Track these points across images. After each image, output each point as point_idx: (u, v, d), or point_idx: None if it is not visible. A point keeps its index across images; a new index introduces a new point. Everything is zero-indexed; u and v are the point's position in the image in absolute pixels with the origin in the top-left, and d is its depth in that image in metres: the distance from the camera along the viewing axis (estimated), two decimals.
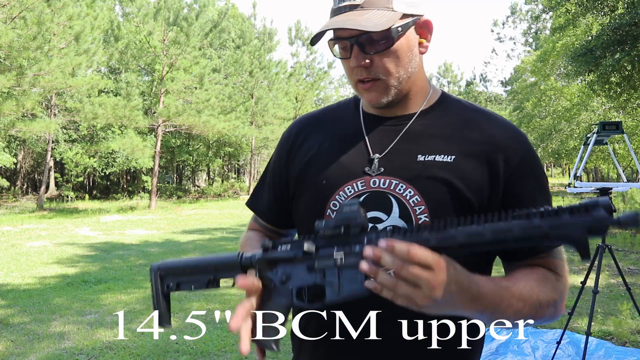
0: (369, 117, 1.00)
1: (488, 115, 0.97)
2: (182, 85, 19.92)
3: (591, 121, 18.28)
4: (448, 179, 0.89)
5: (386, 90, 0.91)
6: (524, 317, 0.82)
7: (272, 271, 0.82)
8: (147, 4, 19.06)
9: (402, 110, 0.97)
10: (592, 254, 3.28)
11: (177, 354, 3.71)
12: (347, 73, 0.94)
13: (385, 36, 0.87)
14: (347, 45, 0.89)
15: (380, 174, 0.92)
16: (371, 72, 0.89)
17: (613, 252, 3.28)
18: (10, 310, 5.04)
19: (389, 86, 0.91)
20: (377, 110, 0.99)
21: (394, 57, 0.89)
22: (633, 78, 10.16)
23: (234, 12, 30.62)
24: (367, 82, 0.91)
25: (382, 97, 0.91)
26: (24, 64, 14.71)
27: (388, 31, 0.86)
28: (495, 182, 0.90)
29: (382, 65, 0.89)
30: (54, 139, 21.20)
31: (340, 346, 0.92)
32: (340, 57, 0.93)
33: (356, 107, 1.04)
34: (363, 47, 0.88)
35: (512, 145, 0.92)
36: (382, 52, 0.88)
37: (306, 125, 1.07)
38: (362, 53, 0.88)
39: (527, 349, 3.55)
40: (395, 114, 0.97)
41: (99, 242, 10.22)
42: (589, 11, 10.75)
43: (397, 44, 0.88)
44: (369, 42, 0.87)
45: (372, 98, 0.92)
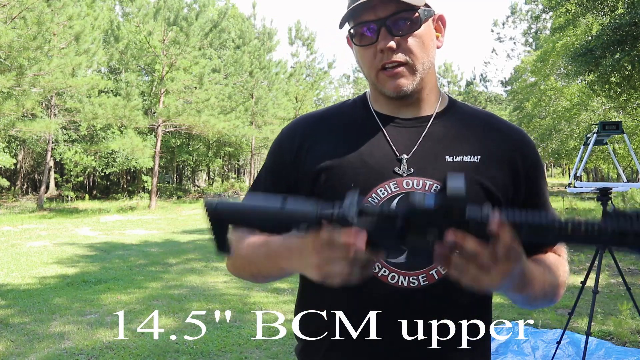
0: (384, 117, 0.97)
1: (497, 118, 1.02)
2: (182, 85, 19.92)
3: (591, 121, 18.29)
4: (478, 179, 0.91)
5: (412, 76, 0.90)
6: (541, 296, 0.87)
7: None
8: (147, 4, 19.06)
9: (416, 112, 0.97)
10: (592, 254, 3.28)
11: (177, 354, 3.71)
12: (367, 62, 0.91)
13: (414, 19, 0.87)
14: (374, 28, 0.87)
15: (410, 174, 0.91)
16: (398, 55, 0.88)
17: (613, 252, 3.27)
18: (10, 310, 5.04)
19: (415, 71, 0.89)
20: (390, 110, 0.97)
21: (420, 41, 0.89)
22: (633, 78, 10.16)
23: (234, 12, 30.63)
24: (392, 68, 0.89)
25: (408, 83, 0.90)
26: (24, 64, 14.71)
27: (416, 14, 0.87)
28: (517, 180, 0.94)
29: (410, 48, 0.88)
30: (53, 139, 21.20)
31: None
32: (364, 45, 0.90)
33: (365, 107, 1.01)
34: (391, 29, 0.87)
35: (526, 144, 0.98)
36: (411, 35, 0.88)
37: (311, 126, 1.01)
38: (390, 35, 0.87)
39: (527, 349, 3.55)
40: (410, 116, 0.96)
41: (99, 242, 10.22)
42: (589, 11, 10.75)
43: (422, 29, 0.89)
44: (398, 23, 0.87)
45: (397, 84, 0.89)
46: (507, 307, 4.77)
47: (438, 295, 0.89)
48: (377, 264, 0.88)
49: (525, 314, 4.50)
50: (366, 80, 0.98)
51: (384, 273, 0.88)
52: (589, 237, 0.64)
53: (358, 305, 0.89)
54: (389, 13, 0.86)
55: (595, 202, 15.71)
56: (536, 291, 0.84)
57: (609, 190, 3.30)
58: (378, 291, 0.88)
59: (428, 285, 0.88)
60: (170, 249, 9.20)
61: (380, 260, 0.87)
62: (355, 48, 0.94)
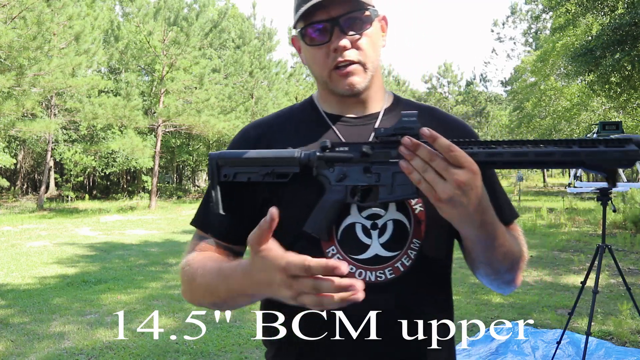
0: (333, 117, 0.99)
1: (440, 110, 1.07)
2: (182, 85, 19.91)
3: (591, 121, 18.29)
4: None
5: (364, 74, 0.92)
6: (508, 262, 0.87)
7: (329, 169, 0.86)
8: (147, 4, 19.05)
9: (365, 110, 0.99)
10: (592, 254, 3.28)
11: (177, 354, 3.71)
12: (320, 62, 0.92)
13: (365, 18, 0.90)
14: (327, 27, 0.89)
15: None
16: (351, 53, 0.89)
17: (613, 252, 3.27)
18: (10, 310, 5.04)
19: (366, 69, 0.92)
20: (340, 110, 0.99)
21: (370, 40, 0.91)
22: (633, 78, 10.16)
23: (234, 12, 30.62)
24: (345, 66, 0.90)
25: (361, 81, 0.92)
26: (24, 64, 14.71)
27: (367, 13, 0.90)
28: None
29: (362, 46, 0.90)
30: (53, 139, 21.20)
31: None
32: (316, 44, 0.91)
33: (313, 108, 1.02)
34: (344, 28, 0.88)
35: (467, 133, 1.02)
36: (362, 34, 0.90)
37: (264, 130, 1.01)
38: (343, 34, 0.88)
39: (527, 349, 3.55)
40: (359, 114, 0.98)
41: (99, 242, 10.22)
42: (589, 11, 10.75)
43: (372, 28, 0.92)
44: (350, 22, 0.89)
45: (351, 82, 0.91)
46: (507, 307, 4.77)
47: (405, 288, 0.90)
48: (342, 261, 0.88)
49: (525, 314, 4.50)
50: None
51: (351, 270, 0.89)
52: (513, 156, 0.75)
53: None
54: (341, 12, 0.88)
55: (595, 202, 15.71)
56: (503, 251, 0.84)
57: (609, 190, 3.30)
58: None
59: (395, 278, 0.89)
60: (170, 249, 9.20)
61: (346, 257, 0.89)
62: (305, 49, 0.94)
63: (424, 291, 0.92)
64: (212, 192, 0.92)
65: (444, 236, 0.94)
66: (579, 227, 11.24)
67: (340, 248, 0.90)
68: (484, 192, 0.76)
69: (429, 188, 0.73)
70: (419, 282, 0.91)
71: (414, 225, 0.91)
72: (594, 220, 11.60)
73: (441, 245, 0.95)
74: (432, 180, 0.73)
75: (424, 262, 0.91)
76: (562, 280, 5.94)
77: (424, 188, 0.74)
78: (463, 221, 0.76)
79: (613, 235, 9.49)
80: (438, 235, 0.93)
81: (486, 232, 0.80)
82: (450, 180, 0.72)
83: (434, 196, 0.74)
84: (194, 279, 0.91)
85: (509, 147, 0.76)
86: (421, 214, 0.91)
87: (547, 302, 4.92)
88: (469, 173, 0.72)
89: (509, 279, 0.91)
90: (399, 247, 0.90)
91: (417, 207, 0.91)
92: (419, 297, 0.92)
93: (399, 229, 0.91)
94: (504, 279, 0.91)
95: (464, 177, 0.72)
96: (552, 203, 18.15)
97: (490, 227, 0.80)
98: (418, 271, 0.90)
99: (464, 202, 0.73)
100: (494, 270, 0.88)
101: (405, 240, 0.90)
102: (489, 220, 0.79)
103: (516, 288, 0.96)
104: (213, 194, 0.92)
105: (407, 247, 0.90)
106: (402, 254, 0.90)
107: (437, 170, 0.72)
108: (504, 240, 0.84)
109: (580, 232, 10.30)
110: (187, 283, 0.95)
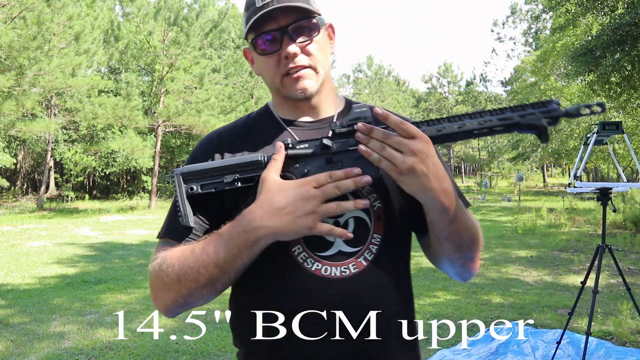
0: (289, 122, 1.03)
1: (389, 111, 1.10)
2: (182, 85, 19.91)
3: (591, 121, 18.27)
4: None
5: (315, 78, 0.96)
6: (469, 236, 0.92)
7: (292, 167, 0.90)
8: (147, 4, 19.06)
9: (318, 115, 1.03)
10: (592, 254, 3.28)
11: (177, 354, 3.71)
12: (272, 69, 0.96)
13: (312, 25, 0.94)
14: (277, 36, 0.93)
15: None
16: (301, 59, 0.94)
17: (613, 252, 3.27)
18: (10, 310, 5.04)
19: (317, 73, 0.96)
20: (294, 115, 1.03)
21: (319, 46, 0.96)
22: (633, 78, 10.16)
23: (234, 12, 30.61)
24: (297, 71, 0.94)
25: (313, 84, 0.96)
26: (24, 64, 14.71)
27: (314, 21, 0.94)
28: None
29: (311, 52, 0.95)
30: (53, 139, 21.20)
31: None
32: (267, 53, 0.95)
33: (269, 115, 1.06)
34: (293, 36, 0.93)
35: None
36: (311, 40, 0.95)
37: (224, 138, 1.04)
38: (292, 41, 0.93)
39: (527, 349, 3.55)
40: (314, 119, 1.02)
41: (99, 242, 10.22)
42: (589, 11, 10.75)
43: (320, 34, 0.96)
44: (299, 30, 0.93)
45: (303, 86, 0.95)
46: (507, 307, 4.77)
47: (369, 282, 0.93)
48: (309, 259, 0.92)
49: (525, 314, 4.50)
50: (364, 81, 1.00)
51: (317, 267, 0.92)
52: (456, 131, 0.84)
53: (296, 302, 0.92)
54: (290, 21, 0.92)
55: (595, 202, 15.70)
56: (464, 222, 0.90)
57: (609, 190, 3.30)
58: (313, 285, 0.91)
59: (358, 272, 0.93)
60: None
61: (311, 255, 0.92)
62: (257, 59, 0.99)
63: (387, 284, 0.96)
64: (180, 206, 0.93)
65: (402, 230, 1.00)
66: (579, 227, 11.24)
67: (305, 246, 0.93)
68: (439, 161, 0.83)
69: (390, 164, 0.80)
70: (382, 275, 0.95)
71: (374, 221, 0.95)
72: (594, 220, 11.60)
73: (400, 239, 0.99)
74: (391, 155, 0.79)
75: (386, 256, 0.95)
76: (562, 280, 5.94)
77: (385, 166, 0.80)
78: (425, 190, 0.82)
79: (613, 235, 9.49)
80: (397, 230, 0.98)
81: (448, 200, 0.85)
82: (407, 151, 0.78)
83: (395, 170, 0.80)
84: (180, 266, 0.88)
85: (452, 122, 0.85)
86: (379, 210, 0.95)
87: (547, 302, 4.92)
88: (422, 142, 0.79)
89: (470, 256, 0.95)
90: (360, 242, 0.94)
91: (376, 204, 0.95)
92: (382, 289, 0.95)
93: (360, 225, 0.95)
94: (465, 257, 0.95)
95: (418, 145, 0.79)
96: (552, 203, 18.15)
97: (450, 195, 0.85)
98: (380, 264, 0.95)
99: (424, 169, 0.79)
100: (456, 247, 0.92)
101: (367, 236, 0.95)
102: (448, 188, 0.84)
103: (475, 273, 1.01)
104: (181, 207, 0.93)
105: (368, 242, 0.95)
106: (364, 249, 0.94)
107: (393, 146, 0.79)
108: (462, 212, 0.91)
109: (580, 232, 10.30)
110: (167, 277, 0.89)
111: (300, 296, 0.92)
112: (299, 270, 0.91)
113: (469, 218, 0.94)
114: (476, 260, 0.98)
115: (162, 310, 0.94)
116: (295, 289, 0.92)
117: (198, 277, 0.86)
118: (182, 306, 0.91)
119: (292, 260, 0.92)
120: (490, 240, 9.66)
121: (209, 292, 0.89)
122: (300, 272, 0.91)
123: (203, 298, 0.90)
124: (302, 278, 0.91)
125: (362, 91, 37.67)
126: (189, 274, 0.87)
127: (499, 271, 6.60)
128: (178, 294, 0.89)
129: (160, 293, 0.92)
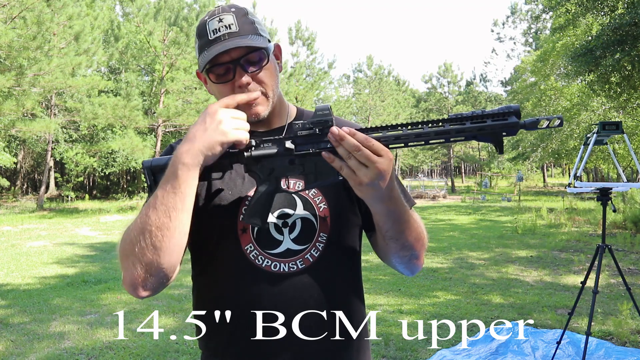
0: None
1: (338, 118, 1.15)
2: (182, 85, 19.91)
3: (591, 121, 18.27)
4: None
5: (267, 103, 1.04)
6: (414, 235, 0.99)
7: (257, 165, 0.95)
8: (147, 4, 19.06)
9: (270, 126, 1.11)
10: (592, 254, 3.28)
11: (177, 354, 3.71)
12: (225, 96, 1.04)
13: (262, 55, 1.02)
14: (230, 68, 1.00)
15: None
16: (253, 88, 1.02)
17: (613, 252, 3.28)
18: (10, 310, 5.04)
19: (269, 98, 1.04)
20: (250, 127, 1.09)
21: (268, 72, 1.04)
22: (633, 78, 10.15)
23: None
24: None
25: (264, 109, 1.04)
26: (24, 64, 14.71)
27: (263, 51, 1.02)
28: None
29: (262, 79, 1.02)
30: (54, 139, 21.20)
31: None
32: (222, 82, 1.02)
33: None
34: (244, 67, 1.00)
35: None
36: (261, 69, 1.02)
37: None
38: (244, 72, 1.00)
39: (527, 349, 3.55)
40: (266, 129, 1.10)
41: (99, 242, 10.22)
42: (589, 11, 10.74)
43: (270, 62, 1.04)
44: (250, 61, 1.01)
45: (256, 111, 1.02)
46: (507, 307, 4.77)
47: (316, 277, 1.02)
48: (260, 256, 1.01)
49: (525, 314, 4.50)
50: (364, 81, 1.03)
51: (267, 263, 1.01)
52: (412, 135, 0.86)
53: (247, 295, 1.02)
54: (240, 54, 0.99)
55: (595, 202, 15.71)
56: (409, 223, 0.97)
57: (609, 190, 3.30)
58: (264, 280, 1.01)
59: (305, 267, 1.02)
60: None
61: (262, 252, 1.01)
62: (212, 85, 1.06)
63: (334, 278, 1.04)
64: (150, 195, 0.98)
65: (348, 229, 1.07)
66: (579, 227, 11.24)
67: (257, 245, 1.02)
68: (393, 173, 0.90)
69: (350, 173, 0.85)
70: (329, 271, 1.03)
71: (319, 221, 1.04)
72: (594, 220, 11.60)
73: (346, 237, 1.07)
74: (356, 166, 0.84)
75: (332, 253, 1.04)
76: (562, 280, 5.94)
77: (346, 174, 0.85)
78: (377, 198, 0.88)
79: (613, 235, 9.48)
80: (342, 229, 1.06)
81: (395, 204, 0.92)
82: (372, 167, 0.83)
83: (355, 180, 0.85)
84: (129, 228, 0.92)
85: (413, 128, 0.86)
86: (325, 211, 1.04)
87: (547, 302, 4.92)
88: (387, 160, 0.84)
89: (415, 254, 1.02)
90: (307, 241, 1.03)
91: (322, 205, 1.05)
92: (330, 284, 1.03)
93: (307, 225, 1.04)
94: (411, 255, 1.02)
95: (384, 165, 0.83)
96: (552, 203, 18.15)
97: (397, 201, 0.93)
98: (327, 261, 1.03)
99: (382, 185, 0.85)
100: (402, 245, 0.99)
101: (313, 235, 1.03)
102: (396, 195, 0.92)
103: (420, 268, 1.08)
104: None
105: (314, 240, 1.03)
106: (311, 247, 1.03)
107: (361, 160, 0.83)
108: (408, 215, 0.98)
109: (580, 232, 10.30)
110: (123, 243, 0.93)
111: (252, 290, 1.01)
112: (250, 266, 1.01)
113: (415, 219, 1.01)
114: (421, 257, 1.04)
115: (129, 287, 0.92)
116: (247, 283, 1.02)
117: (143, 228, 0.88)
118: (144, 280, 0.90)
119: (244, 257, 1.01)
120: (490, 240, 9.66)
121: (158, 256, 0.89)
122: (251, 268, 1.01)
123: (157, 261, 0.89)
124: (254, 273, 1.01)
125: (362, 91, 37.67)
126: (135, 228, 0.90)
127: (499, 271, 6.60)
128: (135, 259, 0.89)
129: (123, 265, 0.92)
